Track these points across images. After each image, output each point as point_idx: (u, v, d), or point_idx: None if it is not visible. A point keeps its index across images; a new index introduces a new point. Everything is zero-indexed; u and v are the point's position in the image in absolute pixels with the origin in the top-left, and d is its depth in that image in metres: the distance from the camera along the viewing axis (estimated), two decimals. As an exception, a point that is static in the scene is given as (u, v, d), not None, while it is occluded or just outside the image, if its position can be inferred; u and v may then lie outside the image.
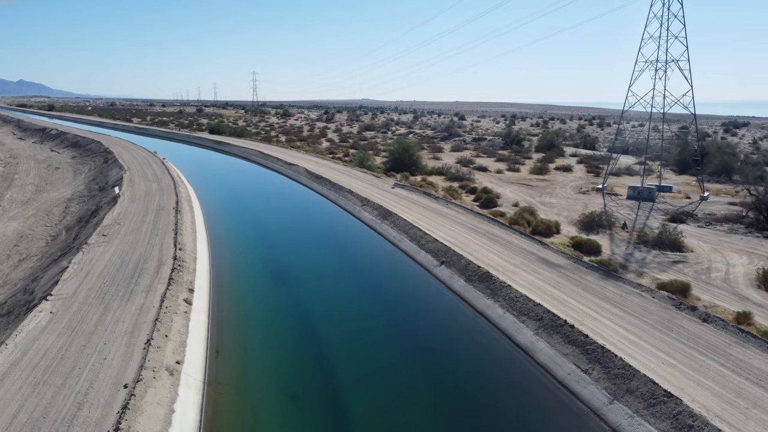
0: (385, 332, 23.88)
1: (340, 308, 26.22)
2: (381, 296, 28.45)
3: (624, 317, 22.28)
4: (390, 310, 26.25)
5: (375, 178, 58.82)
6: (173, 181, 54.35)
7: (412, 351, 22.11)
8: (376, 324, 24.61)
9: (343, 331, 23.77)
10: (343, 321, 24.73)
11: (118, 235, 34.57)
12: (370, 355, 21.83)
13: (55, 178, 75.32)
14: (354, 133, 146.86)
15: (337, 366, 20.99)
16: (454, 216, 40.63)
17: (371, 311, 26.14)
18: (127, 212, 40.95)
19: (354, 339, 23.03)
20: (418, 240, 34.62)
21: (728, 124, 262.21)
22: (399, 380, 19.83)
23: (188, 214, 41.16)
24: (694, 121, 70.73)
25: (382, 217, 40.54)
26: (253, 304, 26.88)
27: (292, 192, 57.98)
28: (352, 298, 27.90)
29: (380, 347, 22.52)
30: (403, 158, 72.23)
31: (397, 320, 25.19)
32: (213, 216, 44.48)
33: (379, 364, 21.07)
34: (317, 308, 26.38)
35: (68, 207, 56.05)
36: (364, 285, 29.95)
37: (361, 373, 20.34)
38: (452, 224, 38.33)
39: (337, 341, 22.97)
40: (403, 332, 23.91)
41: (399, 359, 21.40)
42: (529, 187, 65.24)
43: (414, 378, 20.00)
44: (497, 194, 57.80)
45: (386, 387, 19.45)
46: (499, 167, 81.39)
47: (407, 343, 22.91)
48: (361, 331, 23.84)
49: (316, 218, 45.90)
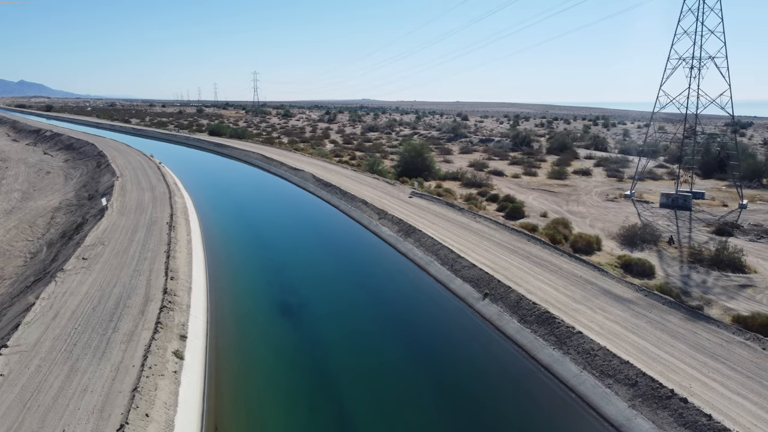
0: (429, 394, 18.49)
1: (370, 361, 20.67)
2: (415, 339, 22.97)
3: (744, 383, 16.94)
4: (430, 361, 20.78)
5: (388, 186, 53.34)
6: (168, 190, 48.87)
7: (469, 421, 16.73)
8: (417, 382, 19.17)
9: (374, 397, 18.37)
10: (374, 381, 19.23)
11: (101, 258, 29.12)
12: (416, 429, 16.52)
13: (45, 184, 69.82)
14: (357, 134, 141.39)
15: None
16: (486, 233, 35.22)
17: (407, 362, 20.68)
18: (115, 228, 35.48)
19: (389, 406, 17.66)
20: (451, 264, 29.22)
21: (731, 124, 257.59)
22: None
23: (183, 229, 35.71)
24: (732, 121, 65.51)
25: (404, 233, 35.12)
26: (260, 354, 21.39)
27: (299, 202, 52.04)
28: (381, 344, 22.40)
29: (427, 416, 17.15)
30: (416, 162, 66.80)
31: (441, 374, 19.76)
32: (212, 231, 38.92)
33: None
34: (339, 359, 20.89)
35: (54, 218, 50.59)
36: (394, 323, 24.46)
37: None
38: (487, 243, 32.97)
39: (368, 411, 17.60)
40: (449, 393, 18.51)
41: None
42: (552, 194, 59.92)
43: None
44: (521, 203, 52.54)
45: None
46: (515, 171, 76.06)
47: (460, 411, 17.50)
48: (397, 394, 18.42)
49: (329, 234, 40.18)
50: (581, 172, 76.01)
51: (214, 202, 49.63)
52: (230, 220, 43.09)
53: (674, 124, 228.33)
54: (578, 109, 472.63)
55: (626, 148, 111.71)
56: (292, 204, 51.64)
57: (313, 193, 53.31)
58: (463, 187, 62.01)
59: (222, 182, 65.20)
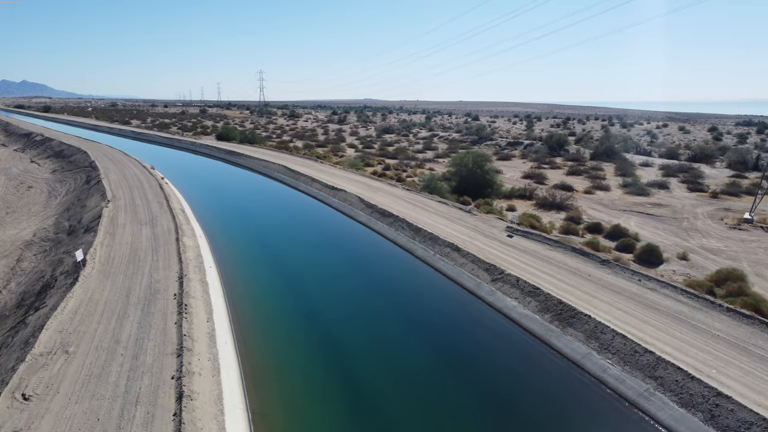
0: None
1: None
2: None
3: None
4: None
5: (465, 214, 38.97)
6: (174, 223, 34.70)
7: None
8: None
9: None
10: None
11: (56, 396, 15.24)
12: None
13: (23, 204, 55.32)
14: (374, 137, 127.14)
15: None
16: (687, 316, 21.41)
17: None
18: (91, 307, 21.42)
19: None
20: (695, 405, 15.55)
21: (742, 123, 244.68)
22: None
23: (202, 309, 21.69)
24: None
25: (558, 318, 21.14)
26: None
27: (353, 240, 36.48)
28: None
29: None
30: (475, 176, 52.93)
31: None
32: (245, 305, 24.52)
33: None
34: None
35: (21, 261, 36.39)
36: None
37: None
38: (705, 338, 19.32)
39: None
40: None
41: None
42: (654, 218, 46.27)
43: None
44: (635, 235, 38.94)
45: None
46: (580, 183, 62.39)
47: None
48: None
49: (417, 303, 25.22)
50: (657, 185, 62.45)
51: (238, 244, 34.64)
52: (270, 284, 28.20)
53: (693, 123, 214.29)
54: (582, 108, 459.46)
55: (672, 152, 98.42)
56: (345, 245, 34.63)
57: (366, 225, 38.31)
58: (538, 209, 48.30)
59: (243, 208, 46.79)
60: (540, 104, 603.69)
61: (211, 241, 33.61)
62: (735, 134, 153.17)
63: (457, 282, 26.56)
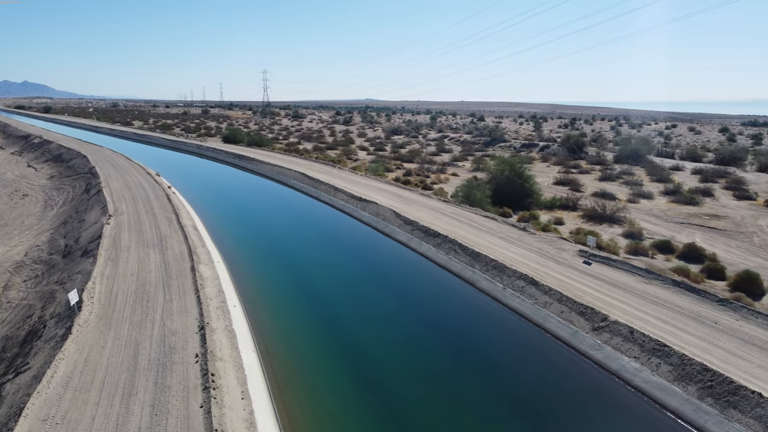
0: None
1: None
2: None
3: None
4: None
5: (522, 233, 33.10)
6: (188, 246, 29.11)
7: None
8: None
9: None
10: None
11: None
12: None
13: (16, 215, 49.67)
14: (383, 139, 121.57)
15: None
16: None
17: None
18: (85, 382, 15.85)
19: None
20: None
21: (747, 123, 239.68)
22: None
23: (233, 378, 16.20)
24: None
25: (712, 396, 15.11)
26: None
27: (403, 269, 29.87)
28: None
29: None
30: (513, 184, 47.47)
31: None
32: (283, 363, 18.81)
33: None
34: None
35: (7, 289, 30.78)
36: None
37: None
38: None
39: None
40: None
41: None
42: (716, 231, 40.99)
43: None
44: (712, 255, 33.62)
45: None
46: (623, 191, 57.00)
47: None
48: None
49: (506, 364, 19.30)
50: (701, 192, 57.11)
51: (264, 272, 27.71)
52: (305, 324, 21.38)
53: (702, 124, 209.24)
54: (585, 108, 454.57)
55: (693, 154, 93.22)
56: (390, 273, 29.05)
57: (408, 245, 32.40)
58: (588, 222, 42.90)
59: (264, 226, 39.23)
60: (542, 104, 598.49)
61: (231, 269, 27.95)
62: (747, 135, 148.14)
63: (543, 327, 21.04)
